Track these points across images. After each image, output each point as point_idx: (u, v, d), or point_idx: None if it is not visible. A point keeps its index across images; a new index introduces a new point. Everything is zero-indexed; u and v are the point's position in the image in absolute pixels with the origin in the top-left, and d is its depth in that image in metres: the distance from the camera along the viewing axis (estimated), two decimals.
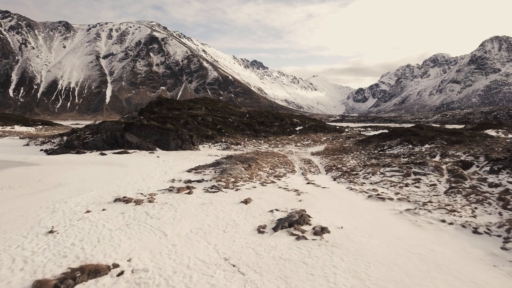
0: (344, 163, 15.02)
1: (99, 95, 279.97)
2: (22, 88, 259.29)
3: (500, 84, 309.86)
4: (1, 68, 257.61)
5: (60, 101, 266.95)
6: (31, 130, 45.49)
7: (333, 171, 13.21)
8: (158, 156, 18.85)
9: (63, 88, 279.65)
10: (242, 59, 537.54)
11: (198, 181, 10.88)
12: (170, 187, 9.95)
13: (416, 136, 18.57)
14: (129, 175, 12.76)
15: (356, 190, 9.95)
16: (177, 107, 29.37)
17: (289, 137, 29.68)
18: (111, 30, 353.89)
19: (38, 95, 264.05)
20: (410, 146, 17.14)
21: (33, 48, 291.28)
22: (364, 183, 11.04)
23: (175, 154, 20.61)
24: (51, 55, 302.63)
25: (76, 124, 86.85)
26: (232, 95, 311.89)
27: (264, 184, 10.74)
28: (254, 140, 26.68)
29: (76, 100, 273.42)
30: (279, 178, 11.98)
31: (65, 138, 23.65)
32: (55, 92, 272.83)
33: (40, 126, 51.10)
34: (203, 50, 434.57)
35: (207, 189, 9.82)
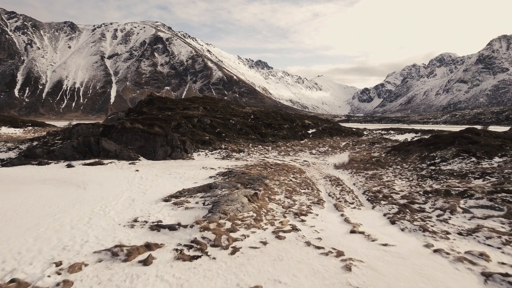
0: (389, 185, 10.60)
1: (103, 95, 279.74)
2: (27, 88, 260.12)
3: (508, 84, 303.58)
4: (6, 69, 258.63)
5: (65, 101, 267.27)
6: (18, 132, 41.98)
7: (381, 201, 8.79)
8: (138, 170, 14.67)
9: (68, 88, 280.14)
10: (246, 59, 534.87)
11: (171, 228, 6.59)
12: (116, 245, 5.67)
13: (475, 145, 14.00)
14: (76, 206, 8.58)
15: (448, 254, 5.54)
16: (170, 107, 25.16)
17: (301, 142, 25.25)
18: (116, 30, 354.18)
19: (43, 95, 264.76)
20: (474, 159, 12.59)
21: (39, 49, 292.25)
22: (447, 232, 6.61)
23: (161, 165, 16.44)
24: (57, 56, 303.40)
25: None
26: (237, 95, 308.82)
27: (280, 234, 6.40)
28: (260, 146, 22.35)
29: (81, 100, 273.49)
30: (302, 217, 7.63)
31: (35, 143, 19.68)
32: (60, 92, 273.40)
33: (30, 128, 47.67)
34: (208, 50, 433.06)
35: (181, 250, 5.54)
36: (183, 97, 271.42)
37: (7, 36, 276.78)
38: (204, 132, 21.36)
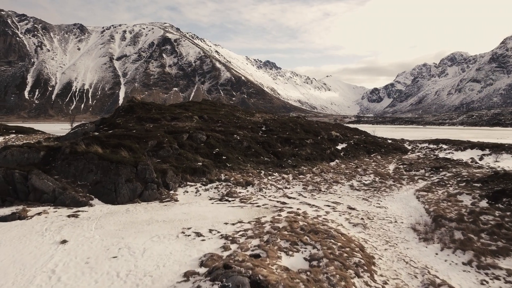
0: None
1: (112, 96, 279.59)
2: (37, 90, 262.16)
3: None
4: (17, 71, 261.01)
5: (74, 103, 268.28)
6: None
7: None
8: (65, 241, 8.23)
9: (77, 89, 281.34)
10: (255, 60, 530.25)
11: None
12: None
13: None
14: None
15: None
16: (154, 117, 18.72)
17: (332, 164, 18.47)
18: (124, 32, 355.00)
19: (53, 97, 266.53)
20: None
21: (49, 51, 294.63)
22: None
23: (118, 219, 10.05)
24: (66, 57, 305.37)
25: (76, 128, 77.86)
26: (245, 96, 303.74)
27: None
28: (277, 174, 15.68)
29: (90, 102, 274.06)
30: None
31: None
32: (69, 94, 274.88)
33: (13, 135, 42.47)
34: (216, 51, 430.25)
35: None
36: (191, 98, 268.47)
37: (17, 38, 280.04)
38: (197, 155, 14.88)
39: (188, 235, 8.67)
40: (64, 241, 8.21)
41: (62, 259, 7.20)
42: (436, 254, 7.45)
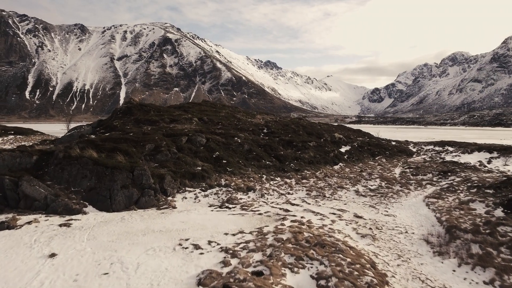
0: None
1: (113, 96, 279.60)
2: (38, 90, 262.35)
3: None
4: (18, 71, 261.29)
5: (75, 103, 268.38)
6: None
7: None
8: (54, 255, 7.70)
9: (78, 90, 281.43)
10: (255, 60, 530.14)
11: None
12: None
13: None
14: None
15: None
16: (153, 119, 18.17)
17: (336, 168, 17.89)
18: (125, 32, 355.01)
19: (54, 97, 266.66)
20: None
21: (49, 51, 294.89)
22: None
23: (112, 229, 9.51)
24: (67, 58, 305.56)
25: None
26: (246, 96, 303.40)
27: None
28: (279, 179, 15.13)
29: (91, 102, 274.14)
30: None
31: None
32: (70, 94, 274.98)
33: (11, 137, 41.99)
34: (217, 51, 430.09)
35: None
36: (191, 98, 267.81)
37: (18, 38, 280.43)
38: (196, 159, 14.34)
39: (186, 248, 8.12)
40: (53, 255, 7.67)
41: (49, 276, 6.67)
42: (454, 271, 6.89)
